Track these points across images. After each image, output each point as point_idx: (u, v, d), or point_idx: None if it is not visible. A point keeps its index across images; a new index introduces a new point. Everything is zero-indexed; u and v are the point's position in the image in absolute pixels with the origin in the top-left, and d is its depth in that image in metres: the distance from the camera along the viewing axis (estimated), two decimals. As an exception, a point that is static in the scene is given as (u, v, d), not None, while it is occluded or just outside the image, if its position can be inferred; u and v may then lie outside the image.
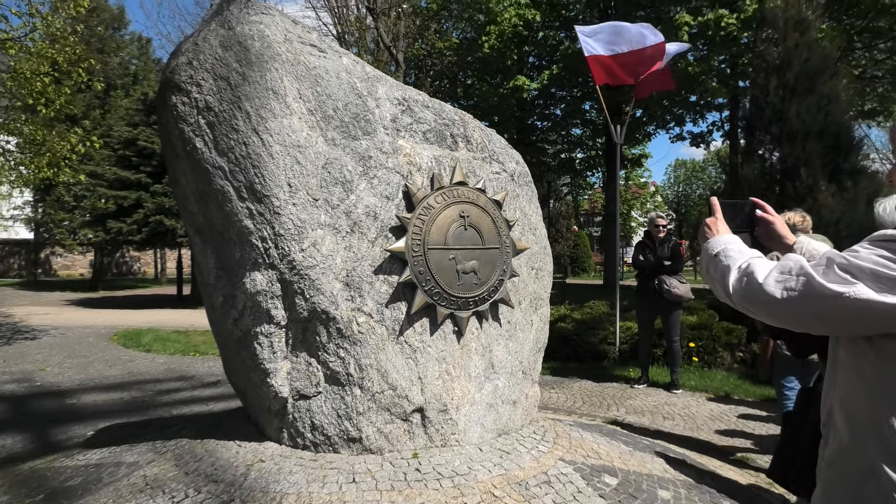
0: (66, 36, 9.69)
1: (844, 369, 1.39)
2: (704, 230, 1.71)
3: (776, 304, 1.32)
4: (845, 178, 8.00)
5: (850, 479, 1.34)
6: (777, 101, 8.58)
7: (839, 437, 1.39)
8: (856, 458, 1.32)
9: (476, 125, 4.03)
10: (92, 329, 11.94)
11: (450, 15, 23.63)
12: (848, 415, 1.37)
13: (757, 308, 1.38)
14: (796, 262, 1.33)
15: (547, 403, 6.11)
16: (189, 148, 3.18)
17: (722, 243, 1.57)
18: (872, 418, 1.29)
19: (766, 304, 1.35)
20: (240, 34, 3.13)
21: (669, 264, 6.78)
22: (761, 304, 1.36)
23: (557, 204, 38.79)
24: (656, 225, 7.06)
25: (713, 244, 1.59)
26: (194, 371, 7.91)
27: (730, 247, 1.54)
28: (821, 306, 1.27)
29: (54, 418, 5.56)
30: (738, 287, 1.42)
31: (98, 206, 17.34)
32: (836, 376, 1.43)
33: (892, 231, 1.25)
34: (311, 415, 3.35)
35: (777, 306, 1.32)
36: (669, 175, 57.42)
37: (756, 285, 1.36)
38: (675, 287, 6.65)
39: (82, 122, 21.36)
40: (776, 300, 1.32)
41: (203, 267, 3.48)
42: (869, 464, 1.28)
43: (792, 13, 8.79)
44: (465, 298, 3.56)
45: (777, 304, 1.32)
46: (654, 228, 7.06)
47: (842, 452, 1.37)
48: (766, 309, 1.37)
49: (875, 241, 1.27)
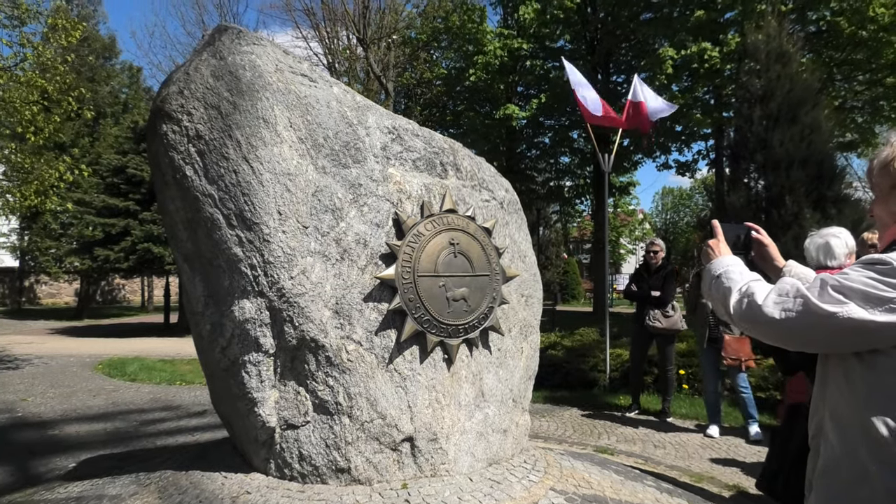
0: (57, 65, 9.74)
1: (835, 384, 1.47)
2: (707, 251, 1.80)
3: (775, 324, 1.41)
4: (829, 206, 8.14)
5: (844, 485, 1.41)
6: (761, 131, 8.76)
7: (831, 447, 1.46)
8: (848, 466, 1.40)
9: (466, 153, 4.07)
10: (76, 358, 11.75)
11: (439, 45, 24.00)
12: (839, 425, 1.45)
13: (756, 328, 1.47)
14: (793, 284, 1.42)
15: (537, 432, 6.06)
16: (179, 176, 3.19)
17: (724, 265, 1.66)
18: (863, 427, 1.36)
19: (765, 324, 1.43)
20: (231, 64, 3.16)
21: (658, 296, 6.61)
22: (761, 325, 1.45)
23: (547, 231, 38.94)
24: (648, 251, 6.92)
25: (716, 266, 1.68)
26: (180, 400, 7.78)
27: (731, 269, 1.63)
28: (816, 325, 1.36)
29: (35, 450, 5.43)
30: (739, 308, 1.50)
31: (85, 234, 17.23)
32: (826, 391, 1.51)
33: (879, 255, 1.37)
34: (299, 445, 3.30)
35: (776, 327, 1.41)
36: (657, 202, 57.96)
37: (756, 307, 1.45)
38: (657, 321, 6.56)
39: (71, 149, 21.34)
40: (775, 321, 1.40)
41: (191, 295, 3.46)
42: (862, 469, 1.36)
43: (773, 46, 9.04)
44: (454, 326, 3.55)
45: (776, 325, 1.41)
46: (647, 255, 6.93)
47: (834, 461, 1.45)
48: (765, 329, 1.45)
49: (864, 265, 1.37)
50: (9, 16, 9.35)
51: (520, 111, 19.12)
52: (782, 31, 9.39)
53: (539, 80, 20.52)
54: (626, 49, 19.79)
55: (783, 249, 4.03)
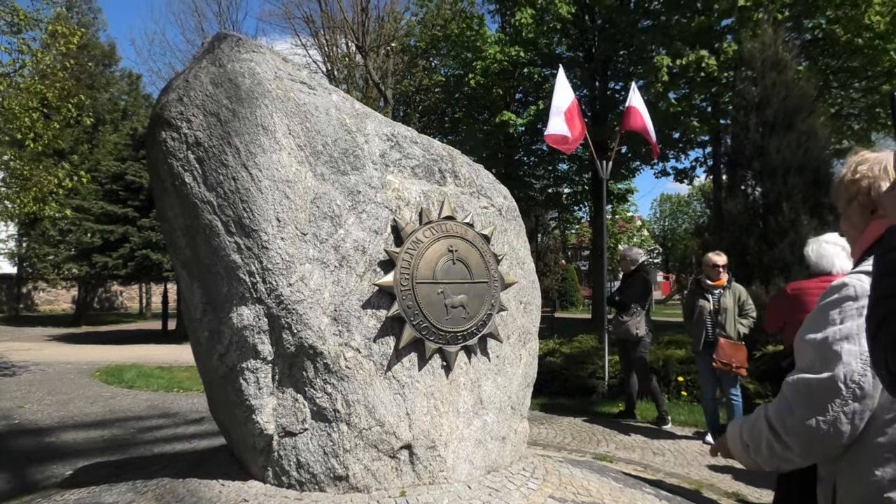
0: (56, 72, 9.76)
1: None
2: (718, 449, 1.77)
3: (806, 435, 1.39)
4: (827, 213, 8.15)
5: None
6: (757, 138, 8.79)
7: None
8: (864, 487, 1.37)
9: (464, 160, 4.08)
10: (73, 365, 11.71)
11: (437, 53, 24.11)
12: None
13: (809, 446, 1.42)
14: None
15: (536, 439, 6.05)
16: (178, 183, 3.19)
17: (737, 432, 1.61)
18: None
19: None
20: (231, 72, 3.18)
21: (617, 300, 6.94)
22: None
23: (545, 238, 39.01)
24: (618, 258, 7.32)
25: (733, 439, 1.63)
26: (178, 408, 7.75)
27: (743, 426, 1.59)
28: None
29: (32, 457, 5.41)
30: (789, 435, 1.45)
31: (84, 241, 17.21)
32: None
33: (834, 284, 1.45)
34: (297, 452, 3.29)
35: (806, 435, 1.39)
36: (655, 209, 58.11)
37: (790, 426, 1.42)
38: (617, 326, 6.82)
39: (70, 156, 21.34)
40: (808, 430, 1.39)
41: (189, 302, 3.46)
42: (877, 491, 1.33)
43: (769, 54, 9.07)
44: (453, 333, 3.55)
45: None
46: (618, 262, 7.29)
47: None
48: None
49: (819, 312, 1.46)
50: (8, 22, 9.38)
51: (517, 118, 19.18)
52: (778, 39, 9.43)
53: (537, 87, 20.60)
54: (624, 56, 19.88)
55: (780, 256, 4.06)
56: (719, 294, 5.99)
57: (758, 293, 7.32)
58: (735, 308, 5.91)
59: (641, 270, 7.21)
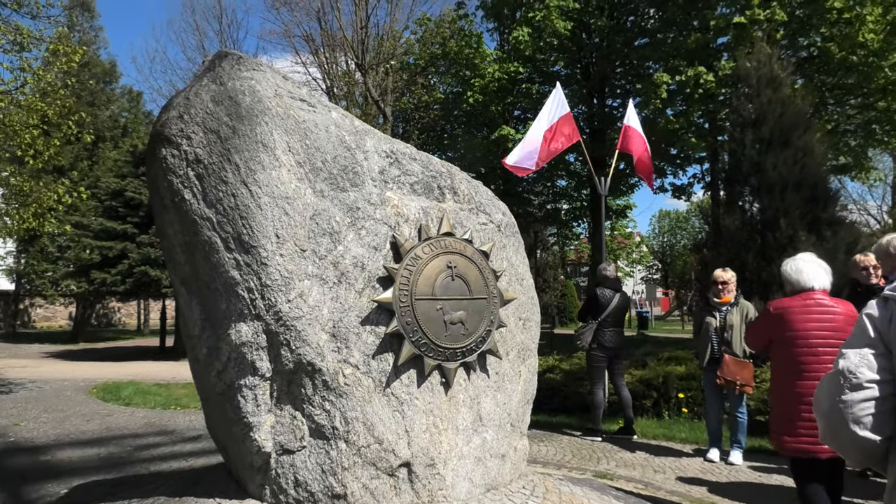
0: (57, 90, 9.82)
1: None
2: None
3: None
4: (824, 229, 8.18)
5: None
6: (754, 155, 8.84)
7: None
8: None
9: (463, 177, 4.10)
10: (70, 382, 11.65)
11: (436, 70, 24.30)
12: None
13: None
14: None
15: (536, 457, 6.01)
16: (177, 199, 3.20)
17: None
18: None
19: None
20: (231, 89, 3.20)
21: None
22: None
23: (544, 254, 39.03)
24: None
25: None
26: (175, 425, 7.70)
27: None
28: None
29: (27, 475, 5.36)
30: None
31: (82, 257, 17.20)
32: None
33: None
34: (295, 470, 3.26)
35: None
36: (654, 225, 58.20)
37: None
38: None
39: (70, 173, 21.41)
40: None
41: (188, 318, 3.45)
42: None
43: (765, 71, 9.16)
44: (452, 349, 3.54)
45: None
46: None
47: None
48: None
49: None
50: (11, 41, 9.45)
51: (516, 133, 19.29)
52: (773, 56, 9.53)
53: (535, 104, 20.73)
54: (622, 74, 20.04)
55: (779, 272, 4.07)
56: (726, 311, 5.96)
57: (757, 309, 7.31)
58: (742, 325, 5.82)
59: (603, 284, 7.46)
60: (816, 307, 3.66)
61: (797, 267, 3.81)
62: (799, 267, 3.81)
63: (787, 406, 3.65)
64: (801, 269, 3.79)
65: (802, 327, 3.63)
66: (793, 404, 3.58)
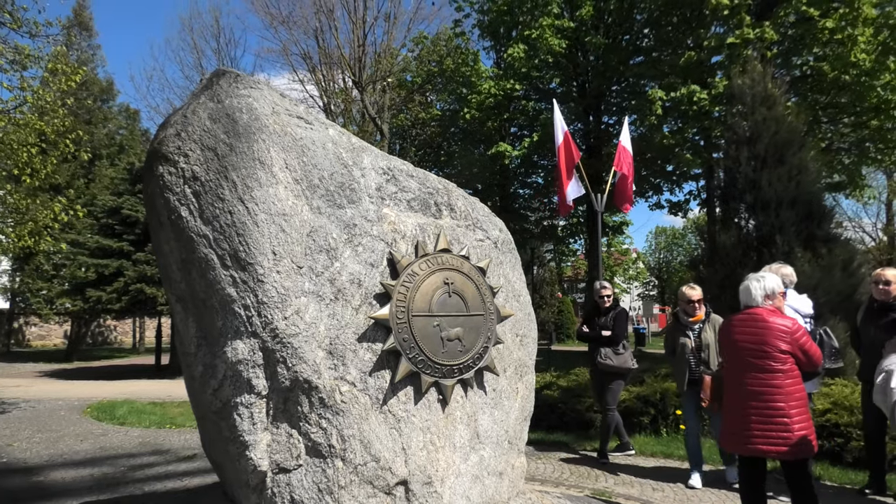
0: (56, 108, 9.86)
1: None
2: None
3: None
4: (820, 246, 8.22)
5: None
6: (749, 172, 8.91)
7: None
8: None
9: (460, 193, 4.11)
10: (64, 401, 11.55)
11: (433, 88, 24.49)
12: None
13: None
14: None
15: (534, 474, 5.96)
16: (174, 216, 3.20)
17: None
18: None
19: None
20: (228, 107, 3.22)
21: (608, 335, 6.71)
22: None
23: (541, 270, 39.00)
24: (600, 296, 6.98)
25: None
26: (170, 444, 7.63)
27: None
28: None
29: (19, 497, 5.30)
30: None
31: (78, 275, 17.13)
32: None
33: None
34: (291, 489, 3.23)
35: None
36: (650, 242, 58.31)
37: None
38: (608, 358, 6.62)
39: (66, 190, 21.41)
40: None
41: (184, 336, 3.43)
42: None
43: (759, 90, 9.27)
44: (449, 366, 3.53)
45: None
46: (598, 299, 7.01)
47: None
48: None
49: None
50: (10, 61, 9.50)
51: (513, 150, 19.41)
52: (767, 75, 9.64)
53: (532, 121, 20.90)
54: (618, 91, 20.23)
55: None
56: (699, 329, 5.87)
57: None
58: (716, 342, 5.75)
59: (619, 303, 7.23)
60: (750, 321, 4.06)
61: (744, 285, 4.19)
62: (745, 286, 4.18)
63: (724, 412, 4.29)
64: (745, 288, 4.17)
65: (729, 339, 4.16)
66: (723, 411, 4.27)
